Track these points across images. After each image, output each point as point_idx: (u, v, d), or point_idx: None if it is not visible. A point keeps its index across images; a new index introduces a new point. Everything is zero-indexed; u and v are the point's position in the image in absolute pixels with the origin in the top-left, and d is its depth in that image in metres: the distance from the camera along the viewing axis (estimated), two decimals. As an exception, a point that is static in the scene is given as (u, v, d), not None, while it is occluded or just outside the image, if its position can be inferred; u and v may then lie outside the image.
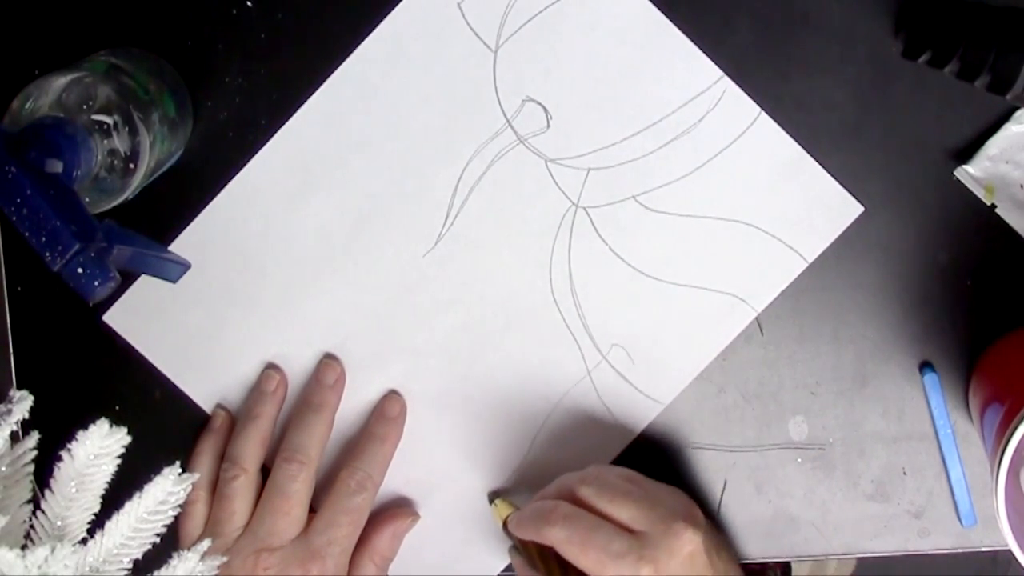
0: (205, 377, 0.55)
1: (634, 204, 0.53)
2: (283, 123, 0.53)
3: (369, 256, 0.54)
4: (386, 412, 0.55)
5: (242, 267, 0.54)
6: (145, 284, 0.54)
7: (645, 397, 0.54)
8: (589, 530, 0.47)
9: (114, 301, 0.55)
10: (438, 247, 0.54)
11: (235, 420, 0.55)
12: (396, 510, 0.55)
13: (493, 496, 0.55)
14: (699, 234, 0.53)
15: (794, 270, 0.53)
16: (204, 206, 0.54)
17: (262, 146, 0.53)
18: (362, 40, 0.53)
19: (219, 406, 0.56)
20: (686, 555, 0.46)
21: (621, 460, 0.55)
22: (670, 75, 0.52)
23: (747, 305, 0.53)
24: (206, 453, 0.55)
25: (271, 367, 0.55)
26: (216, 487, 0.54)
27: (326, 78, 0.53)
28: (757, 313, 0.53)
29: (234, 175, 0.54)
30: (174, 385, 0.56)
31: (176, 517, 0.41)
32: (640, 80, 0.52)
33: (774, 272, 0.53)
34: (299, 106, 0.53)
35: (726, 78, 0.52)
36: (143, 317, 0.55)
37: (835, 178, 0.52)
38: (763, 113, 0.52)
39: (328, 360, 0.55)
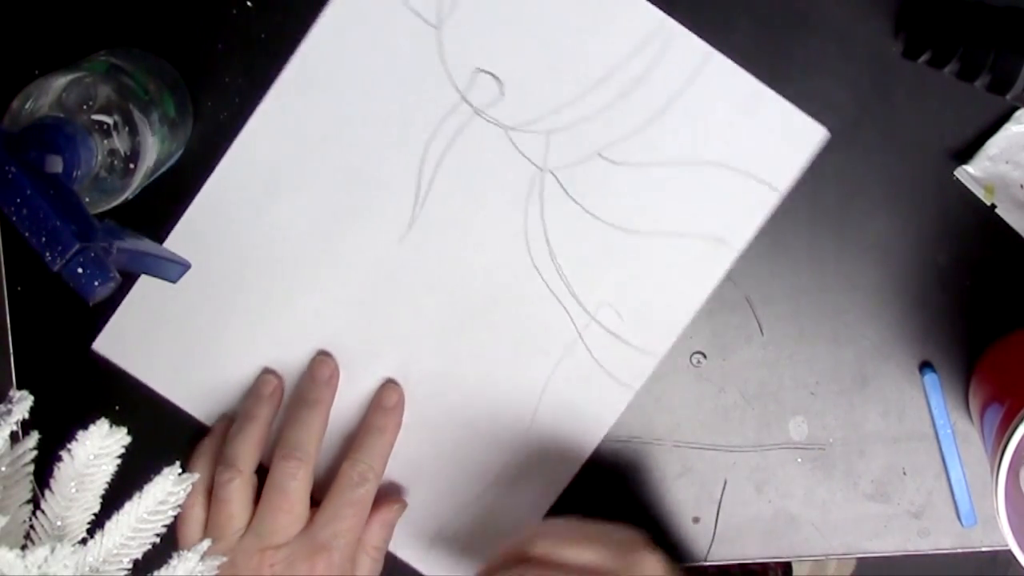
0: (203, 394, 0.55)
1: (600, 160, 0.52)
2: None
3: (347, 249, 0.54)
4: (383, 402, 0.55)
5: (222, 277, 0.54)
6: (128, 307, 0.54)
7: (639, 351, 0.54)
8: None
9: (101, 326, 0.55)
10: (412, 231, 0.54)
11: (234, 423, 0.56)
12: (382, 499, 0.55)
13: None
14: (668, 181, 0.52)
15: (768, 202, 0.52)
16: (204, 206, 0.54)
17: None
18: (362, 40, 0.52)
19: (222, 415, 0.56)
20: None
21: (621, 458, 0.55)
22: (613, 26, 0.51)
23: (727, 244, 0.53)
24: (203, 457, 0.55)
25: (268, 371, 0.55)
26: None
27: (326, 78, 0.53)
28: (738, 251, 0.53)
29: (234, 175, 0.54)
30: (174, 385, 0.56)
31: (174, 520, 0.41)
32: (585, 36, 0.51)
33: (748, 207, 0.53)
34: (299, 106, 0.53)
35: (670, 20, 0.51)
36: (131, 341, 0.55)
37: (835, 177, 0.52)
38: (716, 52, 0.51)
39: (321, 356, 0.55)
